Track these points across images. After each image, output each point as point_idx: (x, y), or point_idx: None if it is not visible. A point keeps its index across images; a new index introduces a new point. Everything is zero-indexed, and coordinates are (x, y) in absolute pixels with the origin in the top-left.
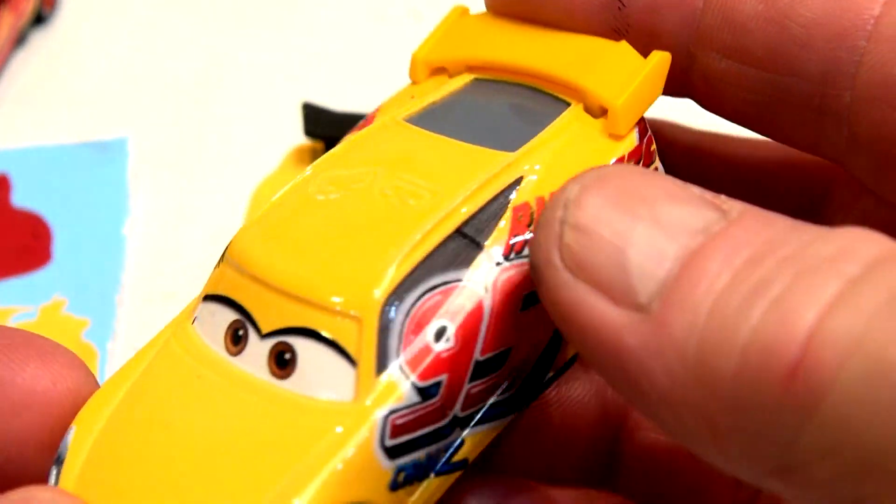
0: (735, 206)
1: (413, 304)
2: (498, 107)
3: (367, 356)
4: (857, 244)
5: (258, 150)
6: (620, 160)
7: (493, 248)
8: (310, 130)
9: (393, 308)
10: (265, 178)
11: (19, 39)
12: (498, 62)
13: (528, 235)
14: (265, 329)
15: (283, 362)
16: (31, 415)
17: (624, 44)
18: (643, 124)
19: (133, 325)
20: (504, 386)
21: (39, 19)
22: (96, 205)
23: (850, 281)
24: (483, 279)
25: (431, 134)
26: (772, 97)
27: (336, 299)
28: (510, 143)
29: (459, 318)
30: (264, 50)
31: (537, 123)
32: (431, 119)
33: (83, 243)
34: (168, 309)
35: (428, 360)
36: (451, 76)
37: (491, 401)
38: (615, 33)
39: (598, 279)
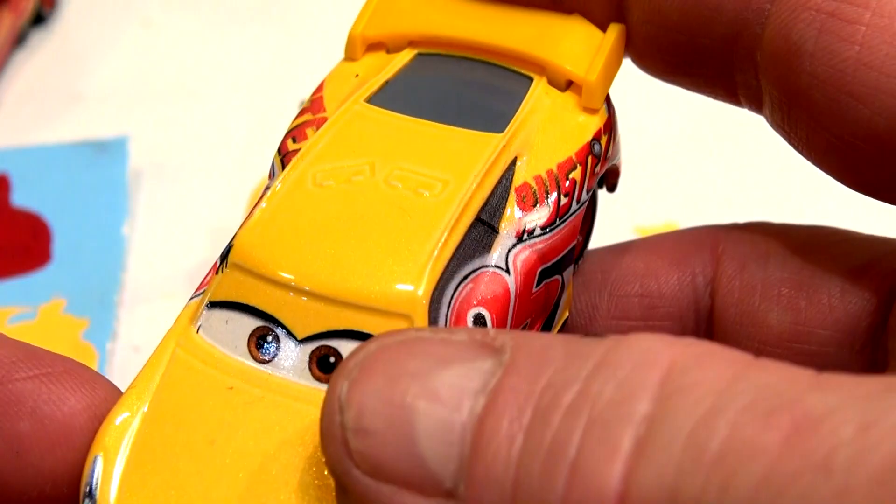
0: (506, 341)
1: (452, 296)
2: (461, 84)
3: None
4: (638, 373)
5: (258, 150)
6: (598, 133)
7: (506, 231)
8: None
9: (437, 302)
10: (265, 177)
11: (19, 39)
12: (446, 37)
13: (534, 214)
14: (302, 334)
15: (327, 366)
16: (67, 451)
17: (577, 16)
18: (608, 95)
19: (133, 325)
20: None
21: (39, 19)
22: (96, 205)
23: (644, 422)
24: (504, 262)
25: (407, 117)
26: (691, 57)
27: (383, 299)
28: (491, 122)
29: (493, 303)
30: (264, 50)
31: (509, 100)
32: (396, 99)
33: (83, 243)
34: (168, 309)
35: None
36: (389, 52)
37: None
38: (554, 5)
39: (398, 476)
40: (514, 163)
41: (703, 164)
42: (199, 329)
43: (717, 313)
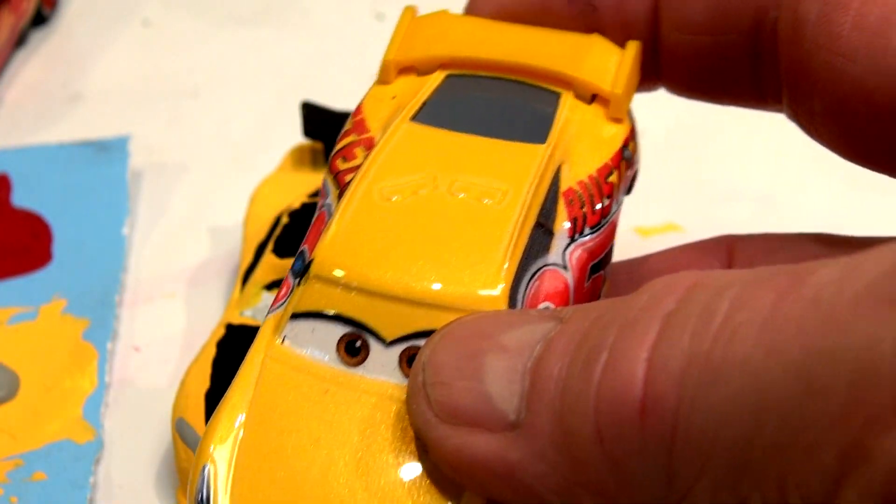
0: (569, 310)
1: (524, 294)
2: (495, 100)
3: None
4: (669, 286)
5: (258, 150)
6: (626, 140)
7: (560, 233)
8: (309, 130)
9: (513, 300)
10: (265, 178)
11: (19, 39)
12: (474, 58)
13: (588, 214)
14: (390, 337)
15: None
16: None
17: (596, 35)
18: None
19: (133, 325)
20: None
21: (39, 19)
22: (96, 205)
23: (667, 315)
24: (561, 260)
25: (454, 132)
26: (717, 59)
27: (467, 300)
28: (531, 134)
29: (556, 298)
30: (264, 50)
31: (542, 113)
32: (439, 117)
33: (83, 243)
34: (168, 309)
35: None
36: (419, 75)
37: None
38: (587, 29)
39: (471, 418)
40: (558, 170)
41: (704, 164)
42: (283, 340)
43: None
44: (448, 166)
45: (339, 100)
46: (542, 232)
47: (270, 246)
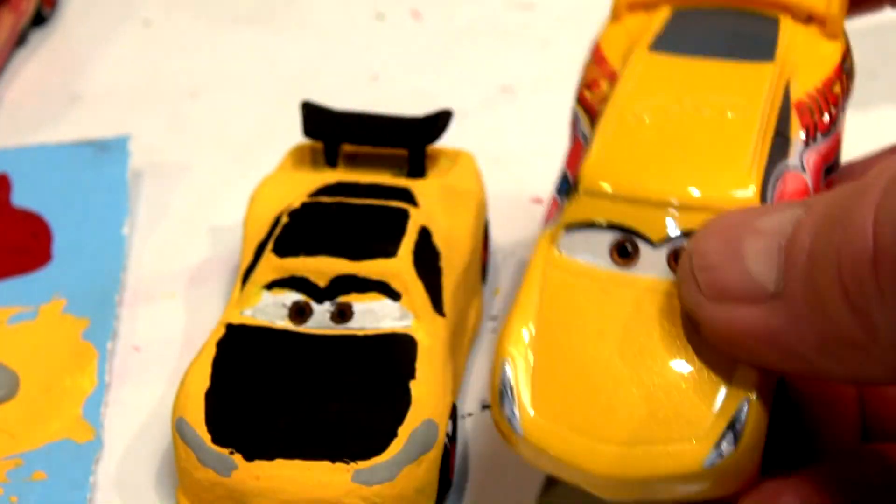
0: (813, 198)
1: (772, 194)
2: (722, 27)
3: None
4: (891, 163)
5: (258, 150)
6: (845, 54)
7: (795, 139)
8: (309, 130)
9: (763, 199)
10: (264, 179)
11: (19, 39)
12: None
13: (817, 122)
14: (657, 238)
15: None
16: None
17: None
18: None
19: (133, 325)
20: None
21: (39, 19)
22: (96, 205)
23: (888, 181)
24: (799, 163)
25: (689, 58)
26: None
27: (725, 201)
28: (760, 54)
29: (798, 196)
30: (264, 49)
31: (766, 36)
32: (673, 45)
33: (83, 243)
34: (168, 309)
35: None
36: (647, 11)
37: None
38: None
39: (736, 294)
40: (787, 84)
41: None
42: (561, 249)
43: None
44: (690, 87)
45: (339, 100)
46: (780, 140)
47: (270, 245)
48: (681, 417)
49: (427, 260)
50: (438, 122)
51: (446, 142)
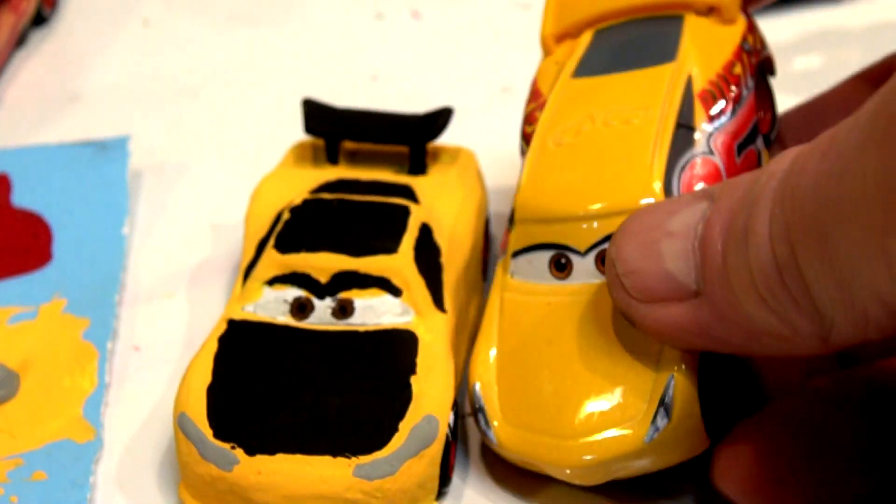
0: (717, 187)
1: (678, 182)
2: (633, 39)
3: None
4: (778, 162)
5: (258, 150)
6: (743, 35)
7: (701, 125)
8: (311, 127)
9: (668, 191)
10: (266, 176)
11: (19, 39)
12: (613, 9)
13: (717, 107)
14: (584, 248)
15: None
16: None
17: None
18: (743, 5)
19: (133, 325)
20: None
21: (39, 19)
22: (96, 205)
23: (773, 191)
24: (707, 147)
25: (603, 76)
26: None
27: (634, 200)
28: (664, 56)
29: (708, 179)
30: (264, 49)
31: (671, 37)
32: (591, 67)
33: (83, 243)
34: (168, 308)
35: None
36: (573, 38)
37: None
38: None
39: (662, 295)
40: (689, 78)
41: None
42: (512, 275)
43: None
44: (600, 104)
45: (339, 99)
46: (684, 131)
47: (272, 241)
48: (621, 404)
49: (428, 256)
50: (439, 119)
51: (446, 140)
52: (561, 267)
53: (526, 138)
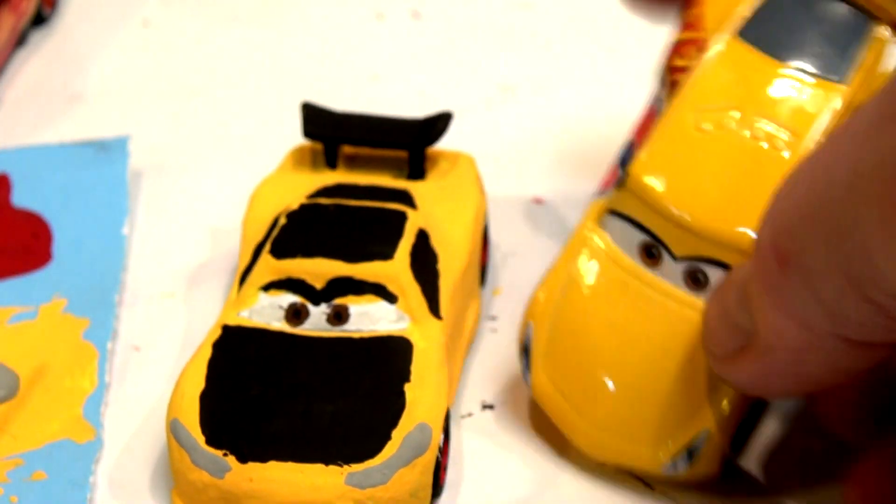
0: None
1: None
2: (812, 20)
3: None
4: None
5: (258, 150)
6: None
7: None
8: (309, 131)
9: None
10: (265, 178)
11: (19, 39)
12: None
13: None
14: (679, 254)
15: (697, 281)
16: None
17: None
18: None
19: (133, 325)
20: None
21: (39, 19)
22: (96, 205)
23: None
24: None
25: (769, 60)
26: None
27: (746, 243)
28: (837, 70)
29: None
30: (264, 50)
31: (851, 45)
32: (760, 34)
33: (83, 243)
34: (168, 308)
35: None
36: None
37: None
38: None
39: (732, 347)
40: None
41: None
42: (604, 227)
43: None
44: (754, 99)
45: (339, 100)
46: None
47: (268, 247)
48: (653, 423)
49: (424, 262)
50: (438, 123)
51: (446, 141)
52: (651, 255)
53: (671, 71)
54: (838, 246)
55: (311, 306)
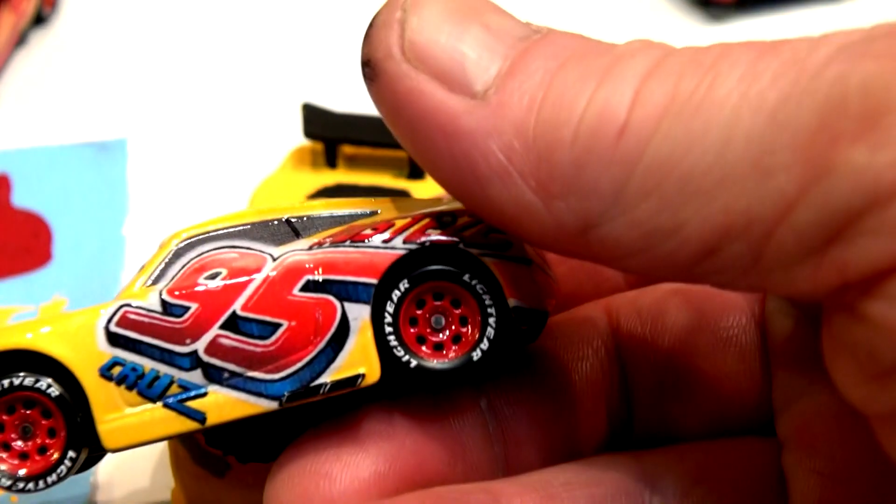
0: (544, 28)
1: (207, 252)
2: None
3: (148, 270)
4: (659, 43)
5: (258, 150)
6: None
7: (308, 241)
8: (309, 131)
9: (185, 246)
10: (265, 178)
11: (19, 39)
12: None
13: (337, 249)
14: None
15: None
16: None
17: None
18: None
19: None
20: (271, 367)
21: (39, 19)
22: (96, 205)
23: (659, 58)
24: (280, 255)
25: None
26: None
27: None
28: None
29: (235, 270)
30: (264, 50)
31: None
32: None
33: (83, 243)
34: None
35: (186, 285)
36: None
37: (252, 374)
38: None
39: (436, 70)
40: (367, 214)
41: None
42: None
43: None
44: None
45: (339, 100)
46: (286, 229)
47: None
48: None
49: None
50: None
51: None
52: None
53: None
54: None
55: None
